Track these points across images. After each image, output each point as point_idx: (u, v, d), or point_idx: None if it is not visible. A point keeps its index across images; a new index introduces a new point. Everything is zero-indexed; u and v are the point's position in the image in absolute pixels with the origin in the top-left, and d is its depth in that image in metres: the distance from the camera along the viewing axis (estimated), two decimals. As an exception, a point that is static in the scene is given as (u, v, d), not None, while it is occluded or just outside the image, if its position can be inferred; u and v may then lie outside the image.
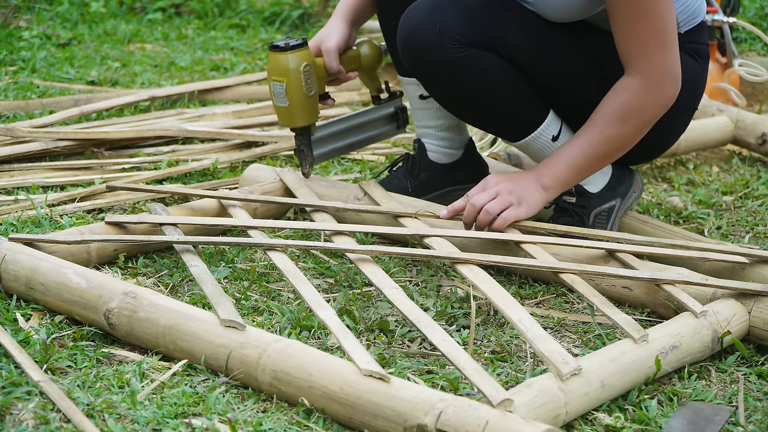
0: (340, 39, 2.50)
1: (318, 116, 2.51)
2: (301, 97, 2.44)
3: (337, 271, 2.28)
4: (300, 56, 2.42)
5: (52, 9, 4.91)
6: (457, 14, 2.27)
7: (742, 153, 3.28)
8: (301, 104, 2.45)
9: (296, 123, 2.48)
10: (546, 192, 2.28)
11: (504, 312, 1.87)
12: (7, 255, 2.07)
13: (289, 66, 2.42)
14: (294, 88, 2.43)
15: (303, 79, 2.43)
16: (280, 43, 2.42)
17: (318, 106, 2.50)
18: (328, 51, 2.48)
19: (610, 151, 2.26)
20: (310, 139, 2.52)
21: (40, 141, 2.89)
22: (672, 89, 2.22)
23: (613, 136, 2.24)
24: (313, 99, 2.47)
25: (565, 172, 2.27)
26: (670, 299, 2.04)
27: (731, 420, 1.74)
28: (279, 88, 2.44)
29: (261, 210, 2.50)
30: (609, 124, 2.23)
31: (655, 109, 2.23)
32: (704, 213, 2.72)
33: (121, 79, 3.90)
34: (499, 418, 1.51)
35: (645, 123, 2.24)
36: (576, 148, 2.26)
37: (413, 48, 2.31)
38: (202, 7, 5.12)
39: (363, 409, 1.62)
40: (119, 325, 1.90)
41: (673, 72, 2.21)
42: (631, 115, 2.22)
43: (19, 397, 1.70)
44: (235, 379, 1.78)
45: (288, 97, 2.44)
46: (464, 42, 2.26)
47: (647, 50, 2.18)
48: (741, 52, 4.33)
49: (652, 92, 2.21)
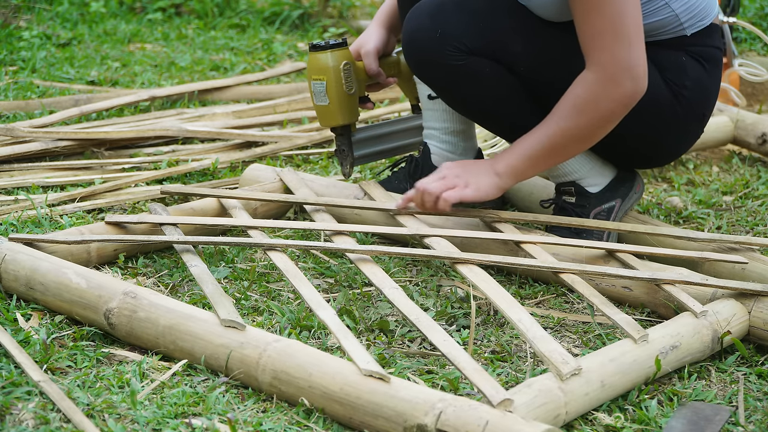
0: (379, 42, 2.49)
1: (358, 117, 2.50)
2: (342, 94, 2.44)
3: (337, 271, 2.28)
4: (340, 55, 2.43)
5: (52, 9, 4.91)
6: (458, 19, 2.26)
7: (742, 153, 3.28)
8: (341, 102, 2.44)
9: (337, 121, 2.47)
10: (498, 177, 2.25)
11: (504, 312, 1.87)
12: (7, 255, 2.07)
13: (329, 64, 2.42)
14: (334, 86, 2.42)
15: (343, 77, 2.42)
16: (320, 42, 2.43)
17: (358, 108, 2.49)
18: (368, 53, 2.47)
19: (566, 143, 2.22)
20: (350, 139, 2.52)
21: (40, 141, 2.89)
22: (631, 85, 2.15)
23: (569, 129, 2.20)
24: (353, 98, 2.46)
25: (519, 160, 2.25)
26: (670, 299, 2.04)
27: (731, 420, 1.74)
28: (319, 86, 2.43)
29: (261, 210, 2.50)
30: (564, 117, 2.20)
31: (611, 104, 2.17)
32: (704, 213, 2.72)
33: (121, 79, 3.90)
34: (499, 418, 1.52)
35: (602, 117, 2.18)
36: (533, 139, 2.24)
37: (415, 52, 2.31)
38: (202, 7, 5.12)
39: (363, 409, 1.62)
40: (119, 325, 1.90)
41: (633, 68, 2.14)
42: (585, 108, 2.18)
43: (19, 397, 1.70)
44: (235, 379, 1.78)
45: (328, 95, 2.43)
46: (463, 50, 2.25)
47: (602, 43, 2.14)
48: (741, 52, 4.33)
49: (606, 86, 2.15)
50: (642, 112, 2.24)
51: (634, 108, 2.21)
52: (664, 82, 2.29)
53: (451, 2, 2.29)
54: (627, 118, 2.22)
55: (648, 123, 2.30)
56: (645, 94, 2.19)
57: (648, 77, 2.18)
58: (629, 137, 2.31)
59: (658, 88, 2.28)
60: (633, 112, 2.22)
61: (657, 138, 2.33)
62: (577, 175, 2.39)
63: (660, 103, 2.29)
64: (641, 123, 2.28)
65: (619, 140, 2.30)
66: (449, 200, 2.23)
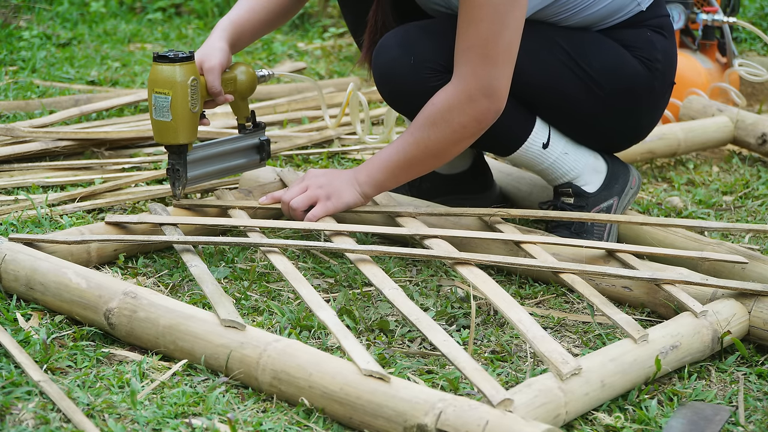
0: (223, 59, 2.38)
1: (196, 137, 2.40)
2: (186, 112, 2.32)
3: (337, 271, 2.28)
4: (188, 70, 2.31)
5: (52, 9, 4.91)
6: (428, 42, 2.26)
7: (742, 153, 3.28)
8: (184, 120, 2.33)
9: (177, 140, 2.35)
10: (360, 187, 2.29)
11: (504, 312, 1.87)
12: (7, 255, 2.07)
13: (177, 78, 2.30)
14: (180, 103, 2.31)
15: (189, 94, 2.32)
16: (168, 53, 2.32)
17: (197, 126, 2.39)
18: (211, 69, 2.35)
19: (420, 155, 2.23)
20: (186, 159, 2.41)
21: (40, 141, 2.89)
22: (487, 104, 2.15)
23: (422, 140, 2.21)
24: (195, 116, 2.36)
25: (379, 170, 2.27)
26: (670, 299, 2.04)
27: (731, 420, 1.74)
28: (163, 101, 2.32)
29: (261, 210, 2.49)
30: (419, 128, 2.21)
31: (464, 117, 2.17)
32: (704, 213, 2.72)
33: (121, 79, 3.90)
34: (499, 417, 1.52)
35: (454, 131, 2.19)
36: (391, 149, 2.27)
37: (390, 84, 2.30)
38: (202, 7, 5.12)
39: (363, 409, 1.62)
40: (119, 325, 1.90)
41: (494, 88, 2.15)
42: (438, 120, 2.19)
43: (19, 397, 1.70)
44: (235, 379, 1.78)
45: (172, 111, 2.32)
46: (440, 69, 2.24)
47: (469, 58, 2.14)
48: (741, 52, 4.33)
49: (462, 99, 2.16)
50: (625, 93, 2.31)
51: (618, 89, 2.29)
52: (638, 61, 2.34)
53: (414, 28, 2.29)
54: (614, 101, 2.27)
55: (632, 103, 2.35)
56: (625, 79, 2.28)
57: (621, 60, 2.27)
58: (617, 120, 2.36)
59: (633, 68, 2.33)
60: (618, 94, 2.30)
61: (639, 115, 2.35)
62: (573, 174, 2.39)
63: (640, 82, 2.34)
64: (626, 105, 2.34)
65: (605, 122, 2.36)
66: (314, 218, 2.28)
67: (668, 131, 3.11)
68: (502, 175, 2.72)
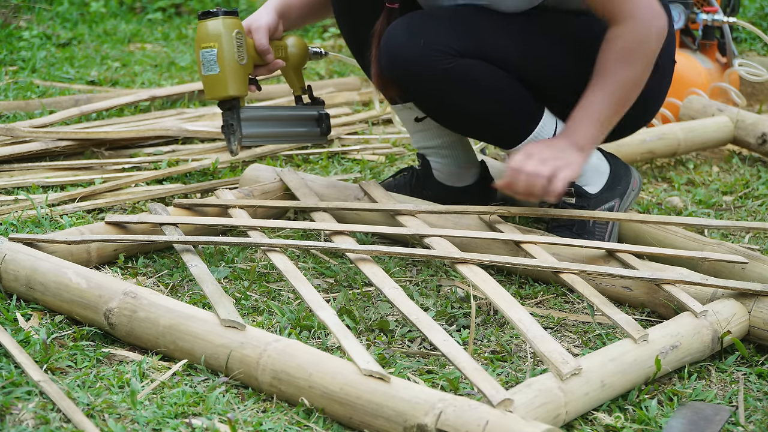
0: (271, 22, 2.41)
1: (247, 94, 2.38)
2: (234, 63, 2.32)
3: (337, 271, 2.28)
4: (232, 23, 2.32)
5: (52, 9, 4.91)
6: (436, 28, 2.27)
7: (742, 153, 3.28)
8: (233, 71, 2.32)
9: (227, 92, 2.33)
10: (582, 152, 2.27)
11: (504, 312, 1.87)
12: (7, 255, 2.07)
13: (221, 30, 2.30)
14: (226, 54, 2.30)
15: (235, 45, 2.32)
16: (210, 10, 2.33)
17: (248, 81, 2.37)
18: (258, 29, 2.38)
19: (628, 93, 2.27)
20: (239, 115, 2.38)
21: (40, 141, 2.89)
22: (658, 20, 2.25)
23: (627, 79, 2.25)
24: (244, 69, 2.34)
25: (593, 128, 2.27)
26: (670, 299, 2.04)
27: (731, 420, 1.74)
28: (209, 54, 2.31)
29: (261, 210, 2.50)
30: (618, 69, 2.25)
31: (653, 43, 2.26)
32: (704, 213, 2.72)
33: (121, 79, 3.90)
34: (499, 417, 1.52)
35: (650, 59, 2.26)
36: (596, 102, 2.26)
37: (399, 67, 2.29)
38: (202, 7, 5.12)
39: (363, 409, 1.62)
40: (119, 325, 1.90)
41: (652, 5, 2.25)
42: (634, 56, 2.24)
43: (19, 397, 1.70)
44: (235, 379, 1.78)
45: (219, 63, 2.31)
46: (450, 52, 2.25)
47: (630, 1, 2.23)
48: (741, 52, 4.34)
49: (643, 30, 2.24)
50: None
51: None
52: None
53: (421, 16, 2.30)
54: None
55: None
56: None
57: None
58: None
59: None
60: None
61: (644, 97, 2.35)
62: (575, 174, 2.39)
63: None
64: None
65: None
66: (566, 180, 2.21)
67: (668, 131, 3.11)
68: (503, 175, 2.72)
